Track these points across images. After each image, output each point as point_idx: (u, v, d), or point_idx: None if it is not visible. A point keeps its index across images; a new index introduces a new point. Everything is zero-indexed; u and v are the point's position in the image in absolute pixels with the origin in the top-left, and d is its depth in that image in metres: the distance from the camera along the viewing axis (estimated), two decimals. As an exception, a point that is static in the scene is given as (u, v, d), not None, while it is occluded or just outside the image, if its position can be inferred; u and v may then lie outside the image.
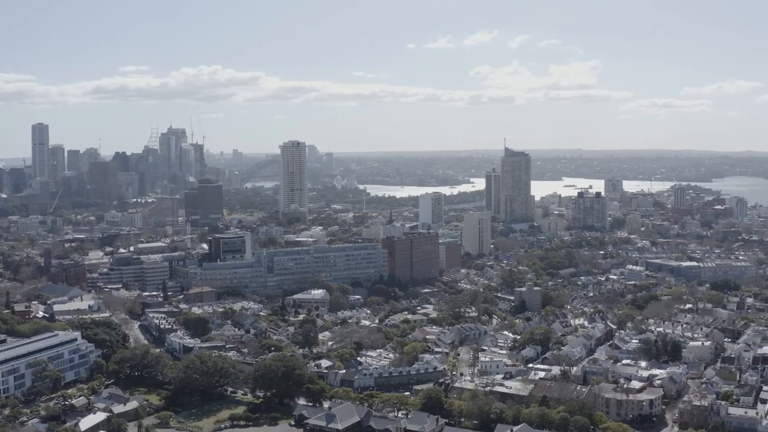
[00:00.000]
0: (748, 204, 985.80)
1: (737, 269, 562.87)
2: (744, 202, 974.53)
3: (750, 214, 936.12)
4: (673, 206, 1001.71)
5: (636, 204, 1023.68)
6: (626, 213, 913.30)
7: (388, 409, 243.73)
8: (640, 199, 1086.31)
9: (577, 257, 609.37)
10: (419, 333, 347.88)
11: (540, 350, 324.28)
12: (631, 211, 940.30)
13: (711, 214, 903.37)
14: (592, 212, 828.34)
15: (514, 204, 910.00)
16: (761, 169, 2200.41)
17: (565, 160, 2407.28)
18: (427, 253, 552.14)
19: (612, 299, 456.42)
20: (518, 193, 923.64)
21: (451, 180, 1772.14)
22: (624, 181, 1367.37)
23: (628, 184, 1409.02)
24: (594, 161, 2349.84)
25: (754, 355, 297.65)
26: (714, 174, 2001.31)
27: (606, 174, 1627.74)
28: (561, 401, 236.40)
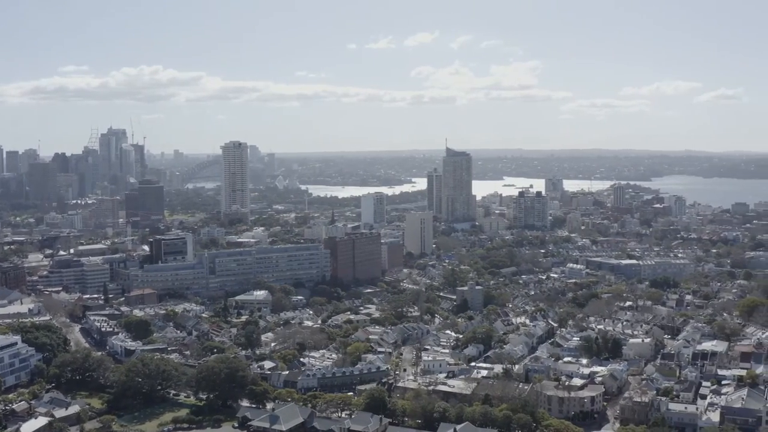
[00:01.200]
0: (686, 202, 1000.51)
1: (676, 267, 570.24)
2: (682, 201, 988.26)
3: (688, 213, 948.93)
4: (612, 205, 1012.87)
5: (576, 203, 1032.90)
6: (567, 212, 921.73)
7: (332, 409, 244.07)
8: (581, 198, 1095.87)
9: (519, 256, 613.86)
10: (362, 333, 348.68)
11: (482, 349, 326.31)
12: (572, 210, 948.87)
13: (650, 212, 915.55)
14: (533, 211, 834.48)
15: (455, 204, 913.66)
16: (699, 168, 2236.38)
17: (506, 160, 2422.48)
18: (370, 253, 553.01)
19: (553, 297, 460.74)
20: (460, 193, 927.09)
21: (393, 180, 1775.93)
22: (564, 181, 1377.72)
23: (569, 183, 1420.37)
24: (535, 161, 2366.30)
25: (693, 352, 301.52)
26: (653, 173, 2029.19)
27: (547, 173, 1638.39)
28: (503, 399, 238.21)
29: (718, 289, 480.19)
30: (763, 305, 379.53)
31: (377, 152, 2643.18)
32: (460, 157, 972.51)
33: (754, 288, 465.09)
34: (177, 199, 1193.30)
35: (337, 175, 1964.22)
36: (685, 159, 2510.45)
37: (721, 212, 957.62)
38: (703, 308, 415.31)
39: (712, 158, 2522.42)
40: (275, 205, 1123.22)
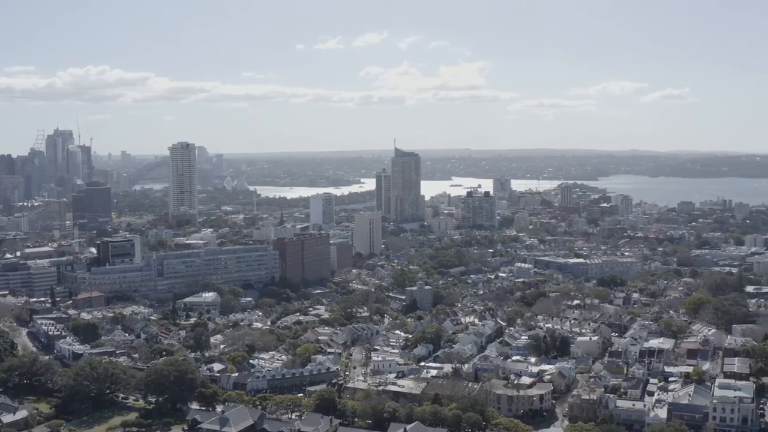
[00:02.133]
0: (633, 201, 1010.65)
1: (623, 265, 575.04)
2: (629, 200, 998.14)
3: (635, 212, 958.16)
4: (560, 204, 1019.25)
5: (524, 203, 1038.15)
6: (515, 212, 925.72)
7: (282, 411, 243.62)
8: (528, 197, 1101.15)
9: (467, 256, 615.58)
10: (312, 334, 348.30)
11: (432, 348, 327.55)
12: (520, 209, 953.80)
13: (597, 211, 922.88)
14: (481, 211, 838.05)
15: (404, 204, 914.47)
16: (645, 168, 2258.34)
17: (454, 160, 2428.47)
18: (319, 253, 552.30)
19: (501, 297, 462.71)
20: (408, 193, 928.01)
21: (342, 180, 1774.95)
22: (512, 180, 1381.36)
23: (517, 183, 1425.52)
24: (483, 161, 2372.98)
25: (640, 349, 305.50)
26: (600, 173, 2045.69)
27: (495, 173, 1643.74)
28: (453, 399, 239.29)
29: (665, 287, 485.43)
30: (708, 303, 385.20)
31: (326, 153, 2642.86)
32: (408, 157, 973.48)
33: (699, 286, 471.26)
34: (124, 200, 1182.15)
35: (286, 175, 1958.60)
36: (632, 158, 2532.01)
37: (667, 211, 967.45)
38: (650, 306, 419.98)
39: (658, 158, 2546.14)
40: (224, 206, 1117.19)
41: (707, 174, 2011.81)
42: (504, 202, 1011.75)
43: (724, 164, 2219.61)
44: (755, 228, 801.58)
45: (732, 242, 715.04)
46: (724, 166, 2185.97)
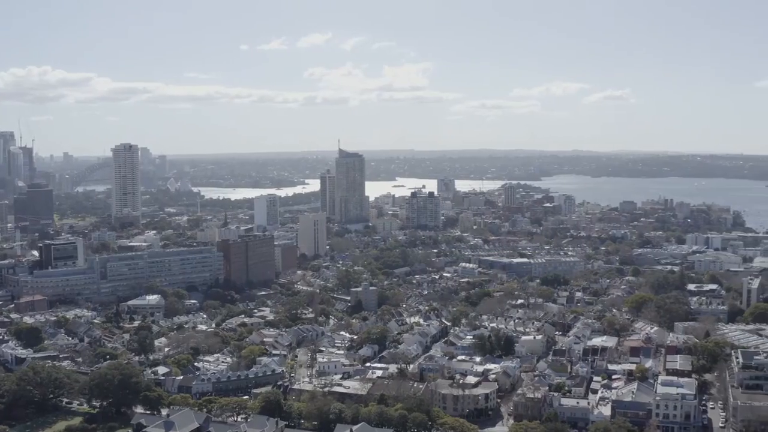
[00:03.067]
0: (575, 201, 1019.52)
1: (566, 264, 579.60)
2: (572, 200, 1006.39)
3: (578, 211, 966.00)
4: (504, 204, 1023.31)
5: (468, 203, 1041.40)
6: (459, 212, 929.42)
7: (228, 413, 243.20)
8: (472, 198, 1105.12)
9: (412, 256, 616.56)
10: (257, 336, 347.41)
11: (377, 349, 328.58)
12: (464, 209, 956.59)
13: (540, 211, 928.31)
14: (425, 212, 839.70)
15: (348, 205, 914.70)
16: (588, 168, 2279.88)
17: (398, 161, 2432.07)
18: (263, 255, 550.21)
19: (446, 297, 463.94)
20: (353, 194, 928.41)
21: (286, 181, 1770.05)
22: (456, 181, 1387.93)
23: (460, 183, 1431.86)
24: (427, 161, 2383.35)
25: (584, 347, 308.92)
26: (543, 173, 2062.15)
27: (438, 174, 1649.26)
28: (399, 399, 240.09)
29: (607, 285, 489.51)
30: (651, 301, 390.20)
31: (270, 153, 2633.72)
32: (352, 158, 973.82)
33: (642, 284, 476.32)
34: (67, 202, 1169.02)
35: (230, 176, 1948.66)
36: (574, 159, 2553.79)
37: (610, 210, 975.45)
38: (593, 305, 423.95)
39: (600, 158, 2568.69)
40: (167, 207, 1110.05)
41: (649, 174, 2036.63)
42: (448, 203, 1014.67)
43: (666, 164, 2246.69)
44: (696, 227, 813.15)
45: (673, 241, 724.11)
46: (665, 166, 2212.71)
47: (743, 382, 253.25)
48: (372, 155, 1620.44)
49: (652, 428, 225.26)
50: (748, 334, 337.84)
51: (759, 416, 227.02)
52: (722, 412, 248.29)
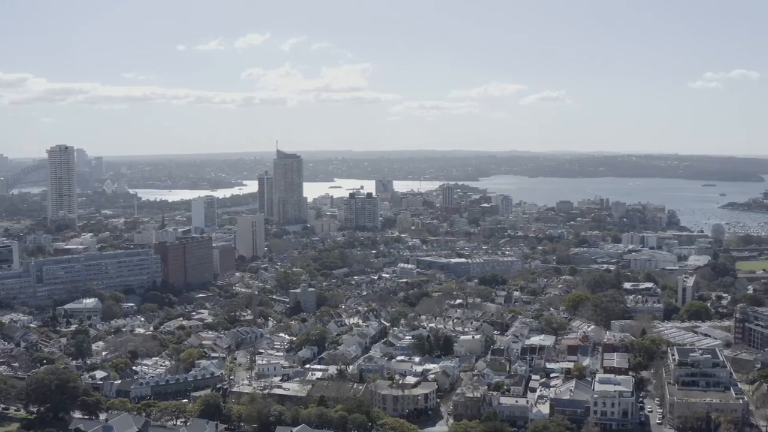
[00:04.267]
0: (513, 201, 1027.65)
1: (504, 264, 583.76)
2: (509, 200, 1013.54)
3: (515, 211, 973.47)
4: (442, 205, 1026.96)
5: (406, 203, 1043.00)
6: (397, 212, 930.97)
7: (167, 417, 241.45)
8: (410, 198, 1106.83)
9: (350, 257, 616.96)
10: (195, 339, 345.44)
11: (316, 350, 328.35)
12: (402, 210, 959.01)
13: (478, 211, 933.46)
14: (363, 212, 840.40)
15: (287, 206, 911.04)
16: (525, 168, 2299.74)
17: (336, 162, 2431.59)
18: (201, 257, 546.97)
19: (385, 297, 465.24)
20: (291, 195, 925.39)
21: (224, 183, 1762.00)
22: (394, 181, 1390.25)
23: (399, 184, 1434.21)
24: (365, 162, 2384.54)
25: (522, 346, 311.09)
26: (481, 173, 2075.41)
27: (377, 174, 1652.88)
28: (339, 400, 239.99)
29: (545, 284, 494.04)
30: (588, 299, 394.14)
31: (208, 154, 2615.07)
32: (290, 159, 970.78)
33: (579, 283, 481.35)
34: (1, 205, 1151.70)
35: (167, 178, 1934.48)
36: (512, 159, 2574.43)
37: (547, 210, 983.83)
38: (531, 304, 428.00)
39: (537, 158, 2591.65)
40: (104, 210, 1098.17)
41: (585, 174, 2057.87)
42: (386, 203, 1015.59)
43: (602, 164, 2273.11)
44: (632, 226, 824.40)
45: (609, 240, 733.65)
46: (601, 166, 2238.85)
47: (679, 379, 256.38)
48: (310, 156, 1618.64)
49: (590, 426, 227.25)
50: (684, 331, 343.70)
51: (695, 412, 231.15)
52: (659, 409, 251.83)
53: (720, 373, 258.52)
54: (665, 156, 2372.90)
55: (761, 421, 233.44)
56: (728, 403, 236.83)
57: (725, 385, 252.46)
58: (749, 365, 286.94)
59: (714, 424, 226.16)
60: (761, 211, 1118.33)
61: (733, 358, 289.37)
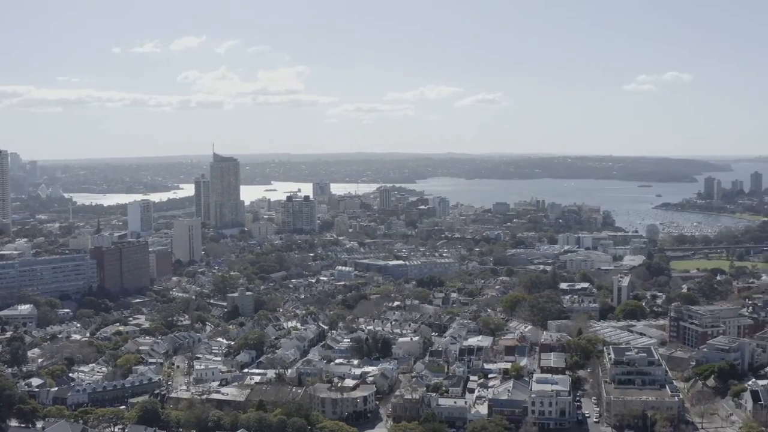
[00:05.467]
0: (450, 203, 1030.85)
1: (441, 266, 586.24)
2: (446, 202, 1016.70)
3: (452, 213, 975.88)
4: (379, 207, 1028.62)
5: (344, 206, 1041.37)
6: (334, 215, 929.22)
7: (104, 424, 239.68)
8: (348, 201, 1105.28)
9: (288, 260, 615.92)
10: (132, 344, 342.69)
11: (255, 355, 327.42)
12: (339, 213, 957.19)
13: (415, 213, 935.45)
14: (301, 215, 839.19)
15: (224, 209, 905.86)
16: (461, 170, 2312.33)
17: (274, 165, 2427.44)
18: (138, 262, 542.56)
19: (323, 300, 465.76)
20: (228, 199, 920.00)
21: (160, 186, 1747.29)
22: (332, 184, 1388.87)
23: (336, 186, 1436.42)
24: (302, 165, 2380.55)
25: (460, 347, 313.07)
26: (418, 175, 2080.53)
27: (314, 177, 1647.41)
28: (277, 404, 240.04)
29: (482, 286, 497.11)
30: (524, 300, 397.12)
31: (143, 158, 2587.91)
32: (227, 162, 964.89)
33: (515, 284, 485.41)
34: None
35: (103, 182, 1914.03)
36: (449, 161, 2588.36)
37: (483, 212, 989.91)
38: (468, 305, 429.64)
39: (474, 160, 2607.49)
40: (38, 214, 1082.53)
41: (521, 175, 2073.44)
42: (324, 206, 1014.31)
43: (537, 166, 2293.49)
44: (567, 227, 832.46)
45: (546, 241, 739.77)
46: (537, 167, 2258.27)
47: (615, 378, 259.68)
48: (247, 159, 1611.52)
49: (528, 425, 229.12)
50: (619, 330, 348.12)
51: (631, 410, 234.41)
52: (596, 407, 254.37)
53: (655, 371, 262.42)
54: (600, 157, 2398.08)
55: (696, 418, 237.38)
56: (664, 400, 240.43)
57: (661, 383, 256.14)
58: (684, 363, 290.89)
59: (650, 421, 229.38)
60: (694, 211, 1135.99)
61: (668, 357, 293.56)
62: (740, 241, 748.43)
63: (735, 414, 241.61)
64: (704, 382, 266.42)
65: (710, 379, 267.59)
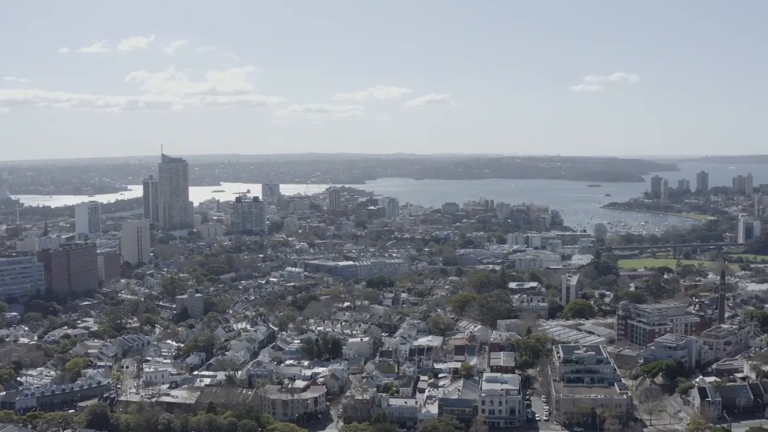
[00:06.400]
0: (399, 204, 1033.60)
1: (391, 266, 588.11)
2: (395, 202, 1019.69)
3: (402, 213, 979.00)
4: (329, 208, 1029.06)
5: (293, 207, 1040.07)
6: (284, 216, 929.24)
7: (54, 429, 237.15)
8: (297, 202, 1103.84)
9: (238, 261, 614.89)
10: (81, 348, 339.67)
11: (204, 357, 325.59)
12: (289, 214, 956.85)
13: (365, 214, 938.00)
14: (250, 216, 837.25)
15: (172, 211, 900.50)
16: (410, 170, 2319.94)
17: (223, 165, 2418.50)
18: (86, 264, 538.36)
19: (273, 301, 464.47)
20: (177, 200, 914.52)
21: (108, 188, 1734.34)
22: (281, 185, 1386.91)
23: (285, 187, 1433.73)
24: (251, 165, 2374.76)
25: (410, 348, 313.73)
26: (367, 176, 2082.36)
27: (263, 178, 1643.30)
28: (228, 406, 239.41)
29: (432, 286, 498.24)
30: (474, 300, 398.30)
31: (91, 159, 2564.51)
32: (176, 163, 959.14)
33: (465, 283, 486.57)
34: None
35: (50, 183, 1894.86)
36: (398, 162, 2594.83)
37: (433, 212, 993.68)
38: (418, 305, 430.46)
39: (423, 161, 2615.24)
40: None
41: (470, 176, 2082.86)
42: (273, 207, 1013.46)
43: (486, 166, 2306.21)
44: (516, 226, 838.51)
45: (495, 241, 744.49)
46: (485, 168, 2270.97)
47: (565, 376, 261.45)
48: (196, 160, 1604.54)
49: (479, 424, 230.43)
50: (568, 329, 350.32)
51: (580, 408, 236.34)
52: (545, 406, 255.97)
53: (604, 369, 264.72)
54: (549, 158, 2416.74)
55: (645, 415, 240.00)
56: (612, 398, 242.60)
57: (609, 380, 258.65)
58: (632, 361, 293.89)
59: (599, 419, 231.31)
60: (642, 211, 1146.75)
61: (616, 355, 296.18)
62: (687, 240, 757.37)
63: (683, 411, 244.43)
64: (652, 380, 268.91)
65: (658, 376, 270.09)
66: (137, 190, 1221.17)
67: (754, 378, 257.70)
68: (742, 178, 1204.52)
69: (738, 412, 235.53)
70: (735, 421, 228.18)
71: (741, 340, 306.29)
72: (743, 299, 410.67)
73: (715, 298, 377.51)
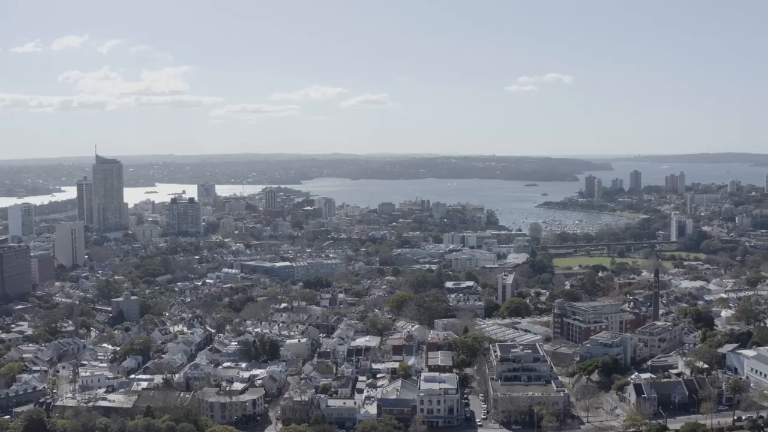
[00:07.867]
0: (335, 204, 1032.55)
1: (328, 267, 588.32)
2: (332, 202, 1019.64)
3: (338, 214, 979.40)
4: (265, 209, 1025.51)
5: (229, 208, 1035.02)
6: (220, 217, 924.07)
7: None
8: (233, 202, 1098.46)
9: (173, 263, 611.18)
10: (15, 352, 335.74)
11: (141, 360, 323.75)
12: (225, 215, 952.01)
13: (301, 214, 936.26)
14: (186, 218, 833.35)
15: (107, 212, 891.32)
16: (347, 170, 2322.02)
17: (157, 166, 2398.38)
18: (19, 267, 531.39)
19: (210, 303, 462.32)
20: (111, 201, 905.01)
21: (42, 189, 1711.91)
22: (217, 186, 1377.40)
23: (221, 188, 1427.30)
24: (187, 166, 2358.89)
25: (348, 348, 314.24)
26: (303, 176, 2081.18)
27: (199, 179, 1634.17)
28: (165, 410, 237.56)
29: (369, 286, 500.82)
30: (411, 299, 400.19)
31: (24, 160, 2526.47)
32: (110, 164, 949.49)
33: (402, 283, 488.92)
34: None
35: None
36: (334, 162, 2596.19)
37: (369, 212, 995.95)
38: (356, 305, 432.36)
39: (359, 161, 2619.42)
40: None
41: (406, 176, 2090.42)
42: (209, 208, 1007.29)
43: (422, 166, 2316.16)
44: (452, 226, 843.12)
45: (431, 240, 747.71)
46: (421, 167, 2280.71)
47: (502, 375, 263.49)
48: (130, 161, 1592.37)
49: (418, 424, 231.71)
50: (505, 328, 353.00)
51: (518, 406, 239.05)
52: (483, 404, 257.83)
53: (541, 367, 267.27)
54: (484, 158, 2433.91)
55: (582, 412, 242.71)
56: (550, 396, 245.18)
57: (546, 378, 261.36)
58: (568, 359, 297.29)
59: (537, 416, 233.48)
60: (576, 210, 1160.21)
61: (552, 353, 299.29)
62: (621, 238, 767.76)
63: (619, 407, 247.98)
64: (588, 377, 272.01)
65: (594, 373, 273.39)
66: (71, 191, 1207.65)
67: (689, 374, 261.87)
68: (674, 176, 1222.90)
69: (673, 408, 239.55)
70: (670, 416, 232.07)
71: (675, 337, 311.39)
72: (677, 296, 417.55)
73: (649, 296, 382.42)
